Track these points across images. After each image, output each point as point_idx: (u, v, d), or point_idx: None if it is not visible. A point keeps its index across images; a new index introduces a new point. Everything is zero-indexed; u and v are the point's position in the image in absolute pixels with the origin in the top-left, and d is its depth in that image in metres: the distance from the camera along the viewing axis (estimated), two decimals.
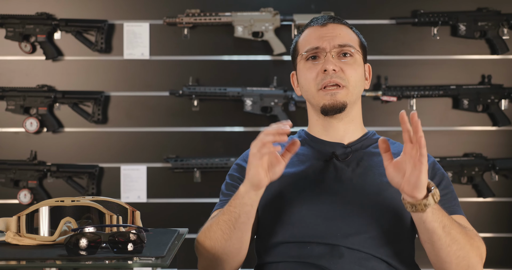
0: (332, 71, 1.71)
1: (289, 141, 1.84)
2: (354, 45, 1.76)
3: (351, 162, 1.73)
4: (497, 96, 3.18)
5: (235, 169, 1.83)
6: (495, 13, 3.19)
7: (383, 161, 1.57)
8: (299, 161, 1.75)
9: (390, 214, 1.66)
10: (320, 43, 1.74)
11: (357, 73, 1.74)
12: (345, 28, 1.79)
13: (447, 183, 1.74)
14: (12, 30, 3.17)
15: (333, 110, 1.73)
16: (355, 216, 1.64)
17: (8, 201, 3.22)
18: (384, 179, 1.68)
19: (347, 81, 1.72)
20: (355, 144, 1.77)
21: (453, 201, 1.72)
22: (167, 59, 3.23)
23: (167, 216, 3.21)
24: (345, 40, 1.74)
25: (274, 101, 3.17)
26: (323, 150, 1.76)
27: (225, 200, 1.74)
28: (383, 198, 1.67)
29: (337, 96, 1.71)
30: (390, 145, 1.77)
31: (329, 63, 1.71)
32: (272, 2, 3.23)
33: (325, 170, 1.72)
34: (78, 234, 1.34)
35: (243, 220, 1.60)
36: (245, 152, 1.85)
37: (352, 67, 1.74)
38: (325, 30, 1.76)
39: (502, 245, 3.22)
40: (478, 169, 3.16)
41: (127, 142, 3.23)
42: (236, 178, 1.79)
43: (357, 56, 1.75)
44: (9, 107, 3.17)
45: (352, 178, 1.70)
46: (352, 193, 1.68)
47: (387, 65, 3.22)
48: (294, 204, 1.68)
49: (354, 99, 1.74)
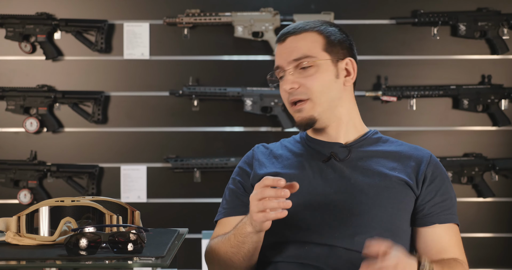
0: (290, 90, 1.70)
1: (291, 140, 1.84)
2: (314, 52, 1.70)
3: (350, 162, 1.72)
4: (497, 96, 3.18)
5: (237, 172, 1.83)
6: (495, 13, 3.19)
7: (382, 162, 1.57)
8: (298, 162, 1.75)
9: (389, 215, 1.66)
10: (279, 62, 1.73)
11: (320, 81, 1.70)
12: (306, 35, 1.73)
13: (447, 188, 1.72)
14: (12, 30, 3.17)
15: (303, 125, 1.72)
16: (354, 217, 1.64)
17: (8, 201, 3.22)
18: (383, 179, 1.68)
19: (310, 93, 1.69)
20: (354, 144, 1.75)
21: (450, 209, 1.71)
22: (167, 59, 3.23)
23: (167, 216, 3.21)
24: (301, 52, 1.70)
25: (274, 101, 3.17)
26: (321, 151, 1.75)
27: (227, 208, 1.77)
28: (382, 199, 1.67)
29: (302, 112, 1.71)
30: (393, 143, 1.77)
31: (285, 83, 1.71)
32: (272, 2, 3.23)
33: (323, 171, 1.71)
34: (78, 234, 1.34)
35: (250, 249, 1.63)
36: (246, 154, 1.85)
37: (313, 77, 1.69)
38: (283, 47, 1.73)
39: (502, 245, 3.22)
40: (478, 169, 3.16)
41: (127, 142, 3.23)
42: (237, 183, 1.80)
43: (319, 62, 1.70)
44: (9, 107, 3.17)
45: (351, 178, 1.69)
46: (350, 193, 1.67)
47: (387, 65, 3.22)
48: (293, 204, 1.68)
49: (325, 107, 1.71)
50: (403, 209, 1.68)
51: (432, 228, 1.69)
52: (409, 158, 1.73)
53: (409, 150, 1.76)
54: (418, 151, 1.76)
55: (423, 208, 1.69)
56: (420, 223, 1.70)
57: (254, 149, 1.85)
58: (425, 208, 1.69)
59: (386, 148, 1.76)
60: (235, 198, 1.78)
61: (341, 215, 1.64)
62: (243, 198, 1.77)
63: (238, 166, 1.84)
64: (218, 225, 1.80)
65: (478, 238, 3.21)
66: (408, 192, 1.69)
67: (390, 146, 1.77)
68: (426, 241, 1.70)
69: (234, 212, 1.76)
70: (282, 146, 1.83)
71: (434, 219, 1.69)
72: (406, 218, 1.69)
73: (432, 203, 1.69)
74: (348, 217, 1.63)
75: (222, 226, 1.78)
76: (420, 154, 1.74)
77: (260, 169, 1.77)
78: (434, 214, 1.69)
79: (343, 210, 1.65)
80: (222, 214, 1.79)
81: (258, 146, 1.85)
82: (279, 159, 1.78)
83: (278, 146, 1.83)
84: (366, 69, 3.19)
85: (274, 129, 3.22)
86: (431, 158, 1.74)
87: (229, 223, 1.76)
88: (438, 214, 1.69)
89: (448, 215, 1.70)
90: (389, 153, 1.74)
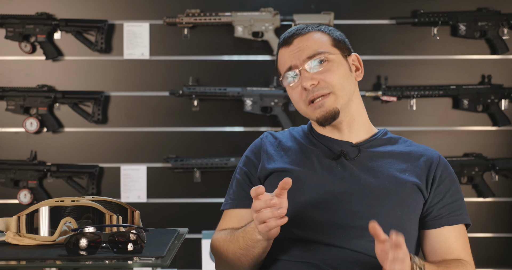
0: (311, 87, 1.69)
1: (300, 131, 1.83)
2: (325, 47, 1.72)
3: (360, 162, 1.71)
4: (497, 96, 3.18)
5: (244, 161, 1.81)
6: (495, 13, 3.19)
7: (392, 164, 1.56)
8: (306, 158, 1.73)
9: (398, 219, 1.65)
10: (291, 62, 1.72)
11: (338, 74, 1.71)
12: (311, 34, 1.74)
13: (456, 189, 1.72)
14: (12, 30, 3.17)
15: (327, 120, 1.70)
16: (362, 218, 1.62)
17: (8, 201, 3.22)
18: (393, 182, 1.67)
19: (331, 86, 1.69)
20: (364, 143, 1.74)
21: (460, 210, 1.70)
22: (167, 59, 3.23)
23: (167, 216, 3.21)
24: (312, 50, 1.71)
25: (274, 101, 3.17)
26: (331, 148, 1.73)
27: (234, 199, 1.77)
28: (391, 201, 1.65)
29: (325, 106, 1.69)
30: (402, 143, 1.77)
31: (305, 80, 1.69)
32: (272, 2, 3.23)
33: (333, 169, 1.70)
34: (78, 234, 1.34)
35: (259, 252, 1.64)
36: (254, 143, 1.83)
37: (331, 70, 1.70)
38: (292, 48, 1.73)
39: (502, 245, 3.22)
40: (478, 169, 3.16)
41: (127, 142, 3.23)
42: (243, 174, 1.79)
43: (332, 56, 1.71)
44: (9, 107, 3.17)
45: (361, 178, 1.67)
46: (360, 194, 1.66)
47: (387, 65, 3.22)
48: (300, 202, 1.66)
49: (345, 100, 1.71)
50: (411, 212, 1.67)
51: (439, 230, 1.68)
52: (418, 159, 1.72)
53: (418, 150, 1.75)
54: (427, 151, 1.75)
55: (432, 210, 1.69)
56: (428, 225, 1.69)
57: (262, 138, 1.82)
58: (433, 210, 1.69)
59: (396, 148, 1.75)
60: (241, 190, 1.77)
61: (349, 216, 1.62)
62: (248, 190, 1.75)
63: (245, 154, 1.82)
64: (225, 215, 1.79)
65: (478, 238, 3.21)
66: (418, 195, 1.68)
67: (399, 146, 1.76)
68: (432, 243, 1.69)
69: (240, 204, 1.76)
70: (291, 136, 1.81)
71: (443, 221, 1.68)
72: (414, 222, 1.68)
73: (441, 205, 1.69)
74: (356, 219, 1.62)
75: (228, 217, 1.78)
76: (430, 155, 1.74)
77: (268, 163, 1.75)
78: (443, 216, 1.68)
79: (351, 211, 1.64)
80: (228, 205, 1.78)
81: (266, 135, 1.83)
82: (288, 153, 1.76)
83: (287, 137, 1.81)
84: (366, 69, 3.13)
85: (274, 129, 3.22)
86: (440, 159, 1.74)
87: (235, 215, 1.76)
88: (447, 216, 1.68)
89: (457, 216, 1.69)
90: (399, 154, 1.73)
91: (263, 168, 1.75)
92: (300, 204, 1.66)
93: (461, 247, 1.68)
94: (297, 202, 1.66)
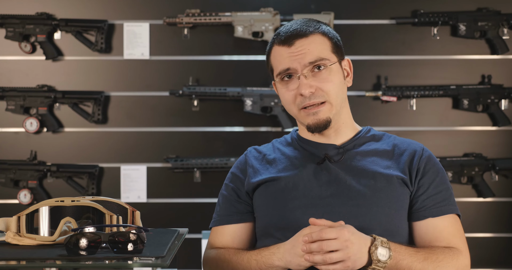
0: (308, 94, 1.68)
1: (283, 142, 1.83)
2: (326, 54, 1.70)
3: (344, 163, 1.72)
4: (497, 96, 3.18)
5: (230, 178, 1.82)
6: (495, 13, 3.19)
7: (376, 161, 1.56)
8: (292, 165, 1.74)
9: (387, 215, 1.66)
10: (290, 64, 1.69)
11: (335, 83, 1.70)
12: (314, 38, 1.71)
13: (440, 181, 1.72)
14: (12, 30, 3.17)
15: (319, 128, 1.71)
16: (352, 219, 1.62)
17: (8, 201, 3.22)
18: (378, 179, 1.68)
19: (327, 95, 1.68)
20: (348, 144, 1.75)
21: (444, 201, 1.70)
22: (167, 59, 3.23)
23: (167, 216, 3.22)
24: (315, 55, 1.68)
25: (274, 101, 3.17)
26: (316, 153, 1.74)
27: (222, 216, 1.77)
28: (379, 200, 1.66)
29: (319, 114, 1.69)
30: (386, 139, 1.77)
31: (304, 87, 1.67)
32: (272, 2, 3.23)
33: (318, 173, 1.71)
34: (78, 234, 1.34)
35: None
36: (239, 159, 1.83)
37: (328, 79, 1.69)
38: (293, 49, 1.70)
39: (502, 245, 3.22)
40: (478, 169, 3.16)
41: (127, 142, 3.23)
42: (230, 190, 1.79)
43: (331, 64, 1.70)
44: (9, 107, 3.17)
45: (346, 180, 1.69)
46: (347, 195, 1.67)
47: (387, 65, 3.22)
48: (289, 208, 1.68)
49: (338, 109, 1.71)
50: (400, 207, 1.68)
51: (425, 222, 1.69)
52: (402, 153, 1.73)
53: (401, 145, 1.76)
54: (411, 145, 1.76)
55: (416, 201, 1.69)
56: (414, 217, 1.70)
57: (246, 153, 1.83)
58: (418, 202, 1.69)
59: (380, 146, 1.76)
60: (229, 206, 1.77)
61: (339, 218, 1.62)
62: (237, 205, 1.76)
63: (230, 171, 1.83)
64: (214, 232, 1.79)
65: (478, 238, 3.21)
66: (404, 189, 1.69)
67: (383, 144, 1.77)
68: (421, 234, 1.70)
69: (231, 220, 1.76)
70: (275, 148, 1.81)
71: (427, 213, 1.68)
72: (403, 216, 1.69)
73: (425, 197, 1.69)
74: (346, 220, 1.62)
75: (218, 235, 1.78)
76: (413, 147, 1.75)
77: (255, 177, 1.76)
78: (427, 208, 1.68)
79: (340, 213, 1.65)
80: (217, 222, 1.78)
81: (250, 150, 1.84)
82: (273, 164, 1.77)
83: (271, 149, 1.82)
84: (366, 69, 3.20)
85: (274, 129, 3.22)
86: (423, 151, 1.74)
87: (228, 232, 1.76)
88: (431, 207, 1.68)
89: (442, 207, 1.69)
90: (382, 152, 1.74)
91: (249, 182, 1.76)
92: (290, 210, 1.67)
93: (451, 234, 1.68)
94: (286, 208, 1.68)
